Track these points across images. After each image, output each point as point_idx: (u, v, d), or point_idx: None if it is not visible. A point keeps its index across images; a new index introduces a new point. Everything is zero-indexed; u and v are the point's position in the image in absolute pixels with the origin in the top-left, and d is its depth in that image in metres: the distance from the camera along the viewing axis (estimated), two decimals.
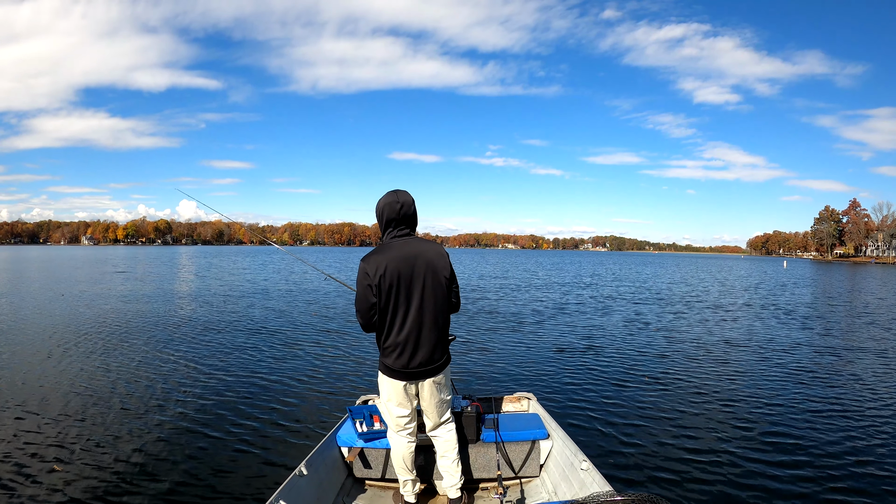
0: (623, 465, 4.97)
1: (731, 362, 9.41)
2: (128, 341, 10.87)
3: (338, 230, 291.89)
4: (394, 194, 3.27)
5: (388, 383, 3.31)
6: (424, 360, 3.22)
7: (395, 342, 3.20)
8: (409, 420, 3.43)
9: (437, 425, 3.48)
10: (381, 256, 3.16)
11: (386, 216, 3.25)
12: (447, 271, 3.26)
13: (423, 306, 3.19)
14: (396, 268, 3.13)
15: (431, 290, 3.20)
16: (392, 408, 3.38)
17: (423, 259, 3.18)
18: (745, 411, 6.64)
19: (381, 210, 3.26)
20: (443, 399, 3.41)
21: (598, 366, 8.99)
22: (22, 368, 8.48)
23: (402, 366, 3.22)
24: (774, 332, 13.41)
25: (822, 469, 4.92)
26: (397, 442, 3.47)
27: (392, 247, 3.20)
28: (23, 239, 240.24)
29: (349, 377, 8.23)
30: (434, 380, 3.31)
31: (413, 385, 3.30)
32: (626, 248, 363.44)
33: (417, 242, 3.24)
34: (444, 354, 3.33)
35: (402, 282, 3.14)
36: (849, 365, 9.46)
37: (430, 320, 3.21)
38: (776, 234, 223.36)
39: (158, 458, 5.16)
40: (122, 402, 6.90)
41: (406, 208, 3.25)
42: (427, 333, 3.20)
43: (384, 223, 3.27)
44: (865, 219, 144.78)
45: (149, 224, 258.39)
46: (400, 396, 3.32)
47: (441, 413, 3.44)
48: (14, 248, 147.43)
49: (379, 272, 3.12)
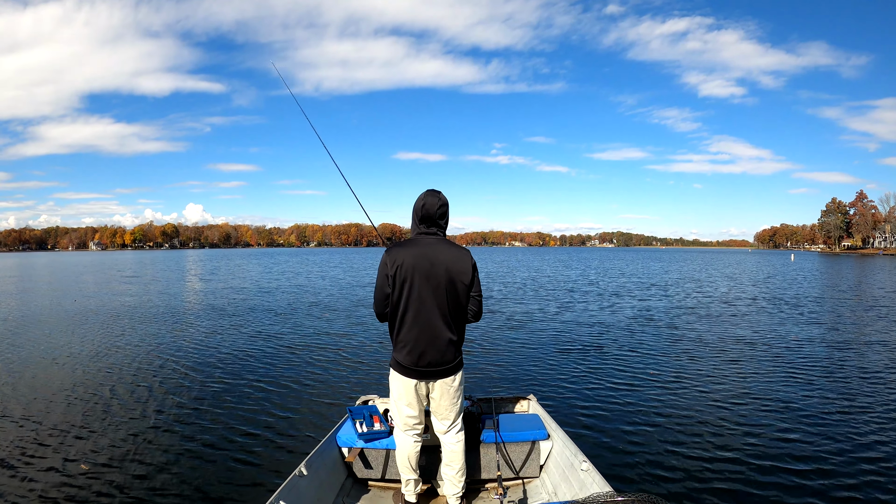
0: (623, 466, 4.96)
1: (732, 361, 9.36)
2: (132, 342, 10.94)
3: (344, 231, 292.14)
4: (435, 194, 3.32)
5: (399, 381, 3.31)
6: (435, 361, 3.22)
7: (406, 338, 3.21)
8: (417, 420, 3.41)
9: (447, 430, 3.44)
10: (404, 250, 3.20)
11: (422, 213, 3.29)
12: (467, 278, 3.25)
13: (436, 307, 3.18)
14: (414, 264, 3.15)
15: (446, 292, 3.19)
16: (401, 406, 3.37)
17: (443, 260, 3.19)
18: (746, 410, 6.61)
19: (420, 206, 3.30)
20: (453, 402, 3.38)
21: (598, 366, 8.98)
22: (32, 371, 8.56)
23: (412, 363, 3.22)
24: (777, 328, 13.35)
25: (824, 468, 4.87)
26: (404, 441, 3.46)
27: (417, 243, 3.23)
28: (31, 245, 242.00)
29: (349, 378, 8.28)
30: (445, 381, 3.30)
31: (424, 385, 3.29)
32: (634, 243, 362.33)
33: (444, 244, 3.26)
34: (455, 357, 3.31)
35: (417, 278, 3.15)
36: (856, 359, 9.41)
37: (442, 322, 3.20)
38: (784, 228, 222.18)
39: (158, 458, 5.20)
40: (122, 403, 7.00)
41: (443, 209, 3.30)
42: (438, 334, 3.20)
43: (418, 219, 3.31)
44: (872, 210, 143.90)
45: (156, 228, 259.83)
46: (410, 396, 3.31)
47: (451, 417, 3.41)
48: (23, 255, 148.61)
49: (397, 264, 3.16)
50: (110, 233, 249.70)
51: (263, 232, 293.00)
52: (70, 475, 4.82)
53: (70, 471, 4.92)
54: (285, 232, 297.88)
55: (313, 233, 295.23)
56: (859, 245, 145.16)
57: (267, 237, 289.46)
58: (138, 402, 7.04)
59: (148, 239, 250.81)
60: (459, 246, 3.34)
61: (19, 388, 7.79)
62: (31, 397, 7.31)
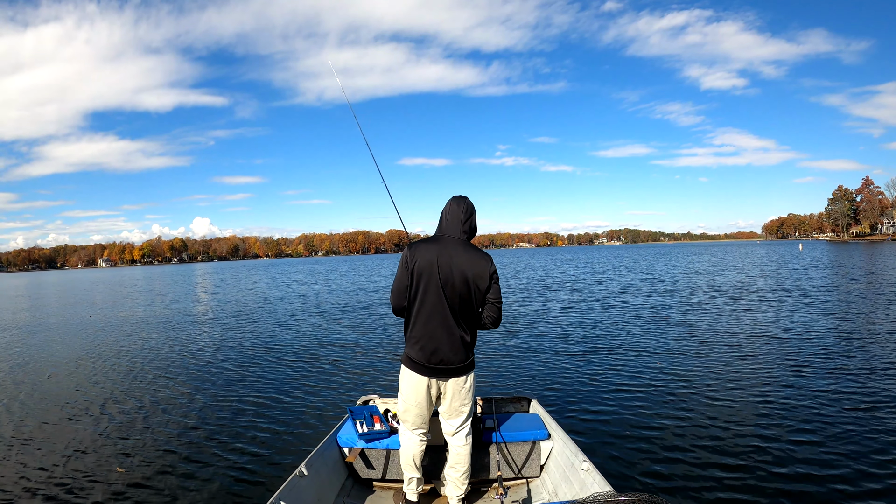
0: (624, 465, 4.94)
1: (735, 360, 9.23)
2: (137, 352, 10.94)
3: (352, 239, 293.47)
4: (462, 199, 3.43)
5: (410, 378, 3.31)
6: (447, 359, 3.23)
7: (419, 334, 3.23)
8: (424, 419, 3.41)
9: (455, 431, 3.43)
10: (426, 246, 3.25)
11: (449, 216, 3.37)
12: (484, 283, 3.26)
13: (450, 306, 3.19)
14: (433, 261, 3.18)
15: (460, 294, 3.21)
16: (410, 405, 3.37)
17: (462, 262, 3.21)
18: (749, 409, 6.53)
19: (447, 209, 3.40)
20: (463, 403, 3.38)
21: (599, 366, 8.93)
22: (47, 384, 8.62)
23: (424, 359, 3.23)
24: (782, 321, 13.25)
25: (828, 469, 4.78)
26: (409, 439, 3.45)
27: (440, 241, 3.27)
28: (40, 264, 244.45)
29: (350, 378, 8.33)
30: (457, 381, 3.31)
31: (435, 384, 3.30)
32: (641, 240, 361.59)
33: (465, 246, 3.29)
34: (468, 358, 3.32)
35: (433, 276, 3.18)
36: (868, 355, 9.32)
37: (454, 322, 3.22)
38: (791, 217, 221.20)
39: (158, 458, 5.24)
40: (122, 405, 7.10)
41: (469, 213, 3.39)
42: (451, 332, 3.21)
43: (446, 221, 3.37)
44: (879, 196, 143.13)
45: (164, 243, 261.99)
46: (420, 394, 3.31)
47: (460, 418, 3.41)
48: (33, 274, 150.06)
49: (416, 258, 3.20)
50: (119, 249, 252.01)
51: (271, 243, 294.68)
52: (68, 474, 4.83)
53: (65, 469, 4.96)
54: (293, 242, 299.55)
55: (321, 242, 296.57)
56: (867, 232, 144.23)
57: (275, 248, 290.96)
58: (138, 404, 7.15)
59: (157, 254, 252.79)
60: (481, 251, 3.36)
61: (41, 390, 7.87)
62: (53, 402, 7.38)
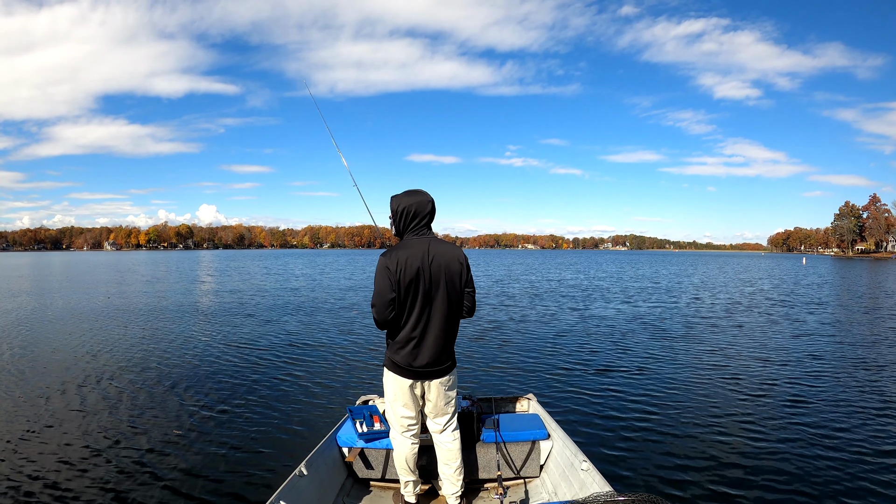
0: (623, 465, 4.97)
1: (735, 362, 9.31)
2: (132, 347, 11.01)
3: (357, 232, 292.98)
4: (423, 194, 3.35)
5: (394, 381, 3.33)
6: (431, 360, 3.24)
7: (405, 338, 3.22)
8: (413, 421, 3.43)
9: (442, 429, 3.47)
10: (403, 252, 3.20)
11: (412, 214, 3.29)
12: (464, 276, 3.30)
13: (436, 306, 3.22)
14: (416, 265, 3.17)
15: (446, 291, 3.23)
16: (397, 408, 3.39)
17: (441, 259, 3.23)
18: (748, 411, 6.59)
19: (407, 208, 3.30)
20: (449, 402, 3.42)
21: (599, 366, 8.98)
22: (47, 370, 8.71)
23: (408, 363, 3.24)
24: (783, 333, 13.20)
25: (828, 473, 4.83)
26: (401, 443, 3.47)
27: (413, 244, 3.24)
28: (45, 245, 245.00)
29: (349, 378, 8.29)
30: (441, 381, 3.33)
31: (419, 385, 3.33)
32: (646, 246, 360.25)
33: (437, 243, 3.29)
34: (450, 357, 3.36)
35: (420, 279, 3.18)
36: (867, 368, 9.30)
37: (441, 321, 3.24)
38: (797, 231, 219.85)
39: (157, 458, 5.19)
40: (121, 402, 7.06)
41: (433, 208, 3.35)
42: (437, 333, 3.23)
43: (408, 220, 3.31)
44: (886, 214, 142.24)
45: (170, 229, 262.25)
46: (405, 397, 3.34)
47: (446, 416, 3.45)
48: (38, 254, 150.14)
49: (400, 267, 3.15)
50: (125, 233, 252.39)
51: (277, 233, 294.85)
52: (66, 472, 4.88)
53: (61, 467, 4.99)
54: (298, 233, 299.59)
55: (326, 234, 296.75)
56: (872, 249, 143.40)
57: (280, 238, 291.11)
58: (138, 402, 7.07)
59: (162, 239, 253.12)
60: (452, 244, 3.38)
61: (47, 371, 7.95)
62: (56, 382, 7.47)
